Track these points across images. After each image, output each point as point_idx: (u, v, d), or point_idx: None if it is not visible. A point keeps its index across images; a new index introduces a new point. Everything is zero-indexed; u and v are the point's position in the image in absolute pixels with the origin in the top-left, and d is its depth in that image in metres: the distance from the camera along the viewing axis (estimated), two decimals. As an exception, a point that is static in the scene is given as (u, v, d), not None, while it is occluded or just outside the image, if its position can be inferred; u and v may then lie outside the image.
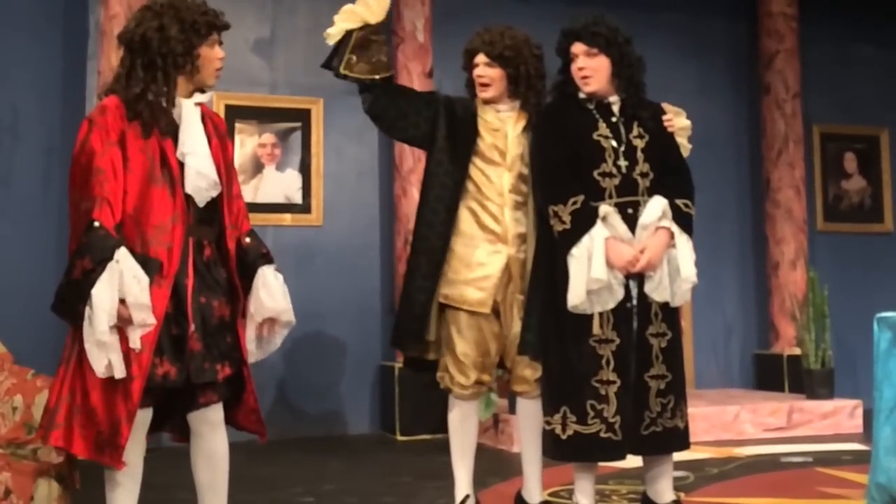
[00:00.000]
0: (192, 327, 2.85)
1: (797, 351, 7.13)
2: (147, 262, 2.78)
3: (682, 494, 3.98)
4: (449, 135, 3.61)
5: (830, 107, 8.19)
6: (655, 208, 3.28)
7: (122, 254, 2.74)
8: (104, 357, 2.68)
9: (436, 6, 7.01)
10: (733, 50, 8.09)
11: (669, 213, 3.30)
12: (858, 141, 8.28)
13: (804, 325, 6.78)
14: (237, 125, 6.63)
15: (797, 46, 7.83)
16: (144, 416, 2.82)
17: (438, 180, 3.60)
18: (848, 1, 8.16)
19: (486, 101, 3.66)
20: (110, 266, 2.71)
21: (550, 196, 3.34)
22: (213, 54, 2.96)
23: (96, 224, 2.79)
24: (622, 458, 3.34)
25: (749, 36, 8.04)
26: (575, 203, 3.26)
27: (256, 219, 6.75)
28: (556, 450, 3.36)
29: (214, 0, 3.10)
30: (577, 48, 3.41)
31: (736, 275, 7.63)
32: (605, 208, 3.26)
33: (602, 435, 3.25)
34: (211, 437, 2.99)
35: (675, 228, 3.29)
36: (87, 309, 2.69)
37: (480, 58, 3.63)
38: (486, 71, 3.62)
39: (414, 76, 6.84)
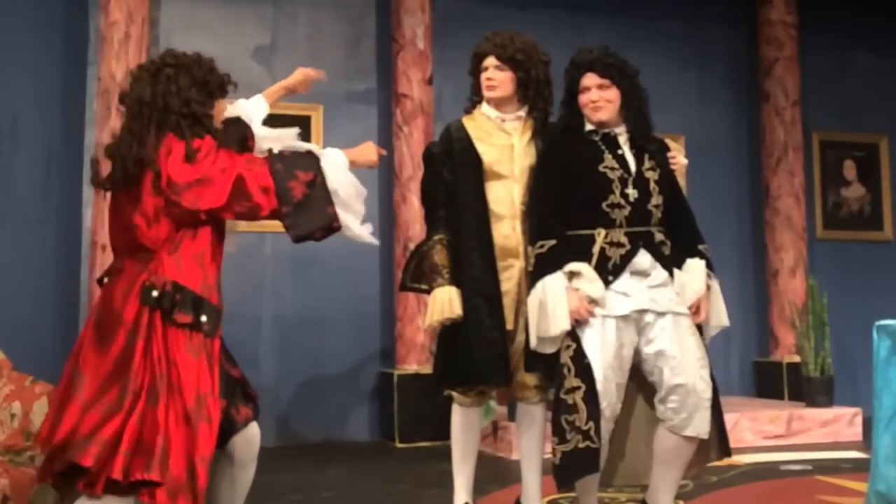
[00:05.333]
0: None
1: (797, 358, 7.13)
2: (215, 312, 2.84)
3: (681, 502, 3.98)
4: (456, 176, 3.59)
5: (830, 114, 8.20)
6: (700, 274, 3.37)
7: (322, 152, 2.91)
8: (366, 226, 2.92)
9: (436, 13, 7.03)
10: (733, 58, 8.10)
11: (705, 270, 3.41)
12: (858, 149, 8.29)
13: (803, 332, 6.78)
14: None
15: (797, 54, 7.84)
16: None
17: (462, 215, 3.56)
18: (847, 9, 8.18)
19: (495, 104, 3.65)
20: (324, 165, 2.86)
21: (531, 236, 3.43)
22: (220, 108, 2.99)
23: (275, 151, 2.89)
24: (599, 468, 3.23)
25: (748, 44, 8.05)
26: (542, 247, 3.31)
27: (255, 226, 6.76)
28: (554, 479, 3.28)
29: (215, 5, 3.11)
30: (590, 80, 3.40)
31: (735, 282, 7.62)
32: (576, 265, 3.27)
33: (580, 446, 3.15)
34: (248, 466, 3.01)
35: (713, 282, 3.41)
36: (337, 208, 2.85)
37: (490, 60, 3.62)
38: (496, 74, 3.61)
39: (414, 83, 6.85)
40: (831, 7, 8.15)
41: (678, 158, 3.56)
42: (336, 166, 2.90)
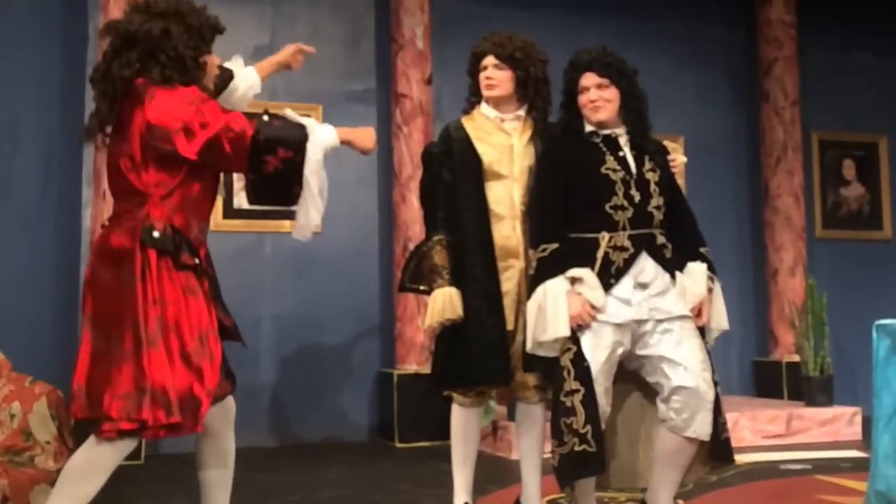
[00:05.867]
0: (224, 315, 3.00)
1: (796, 358, 7.13)
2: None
3: (681, 502, 3.98)
4: (456, 176, 3.58)
5: (829, 114, 8.20)
6: (701, 278, 3.35)
7: (313, 131, 2.83)
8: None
9: (435, 13, 7.02)
10: (732, 58, 8.10)
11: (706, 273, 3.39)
12: (857, 148, 8.29)
13: (803, 332, 6.78)
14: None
15: (796, 54, 7.84)
16: (129, 445, 2.79)
17: (462, 215, 3.55)
18: (847, 8, 8.18)
19: (494, 103, 3.65)
20: (309, 147, 2.80)
21: (531, 239, 3.42)
22: (213, 60, 2.99)
23: (266, 119, 2.81)
24: (602, 469, 3.25)
25: (748, 44, 8.05)
26: (544, 251, 3.30)
27: (256, 225, 6.79)
28: (556, 478, 3.29)
29: (214, 5, 3.11)
30: (589, 79, 3.39)
31: (735, 282, 7.62)
32: (578, 271, 3.25)
33: (577, 449, 3.15)
34: (226, 434, 3.02)
35: (715, 286, 3.41)
36: (304, 192, 2.82)
37: (489, 59, 3.62)
38: (496, 73, 3.61)
39: (413, 83, 6.85)
40: (830, 7, 8.15)
41: (677, 158, 3.56)
42: (320, 147, 2.87)
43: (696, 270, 3.37)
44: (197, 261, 2.84)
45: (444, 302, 3.45)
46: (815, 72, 8.13)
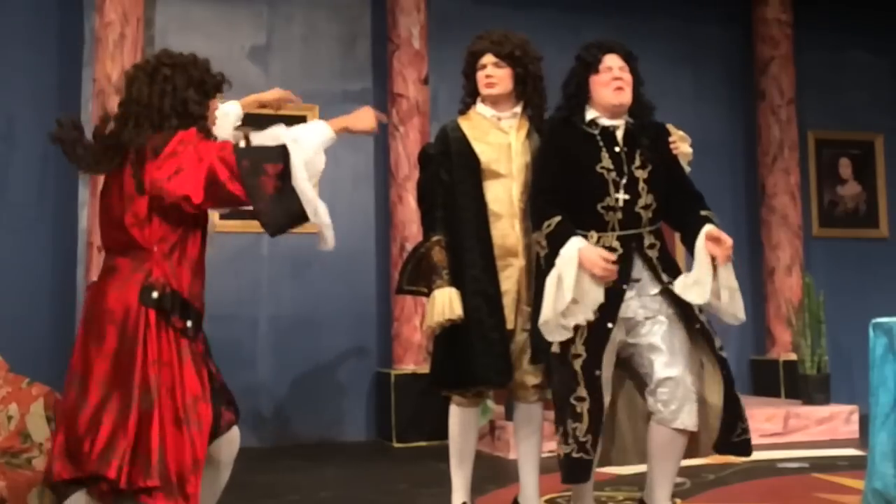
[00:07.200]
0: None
1: (793, 356, 7.14)
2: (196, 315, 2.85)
3: (678, 501, 3.98)
4: (454, 176, 3.58)
5: (825, 113, 8.21)
6: (703, 270, 3.35)
7: (296, 137, 2.88)
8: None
9: (431, 13, 7.02)
10: (728, 56, 8.10)
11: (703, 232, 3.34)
12: (853, 147, 8.30)
13: (800, 330, 6.79)
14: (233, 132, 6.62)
15: (792, 52, 7.85)
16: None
17: (460, 215, 3.55)
18: (843, 7, 8.18)
19: (491, 102, 3.65)
20: (293, 149, 2.83)
21: (533, 224, 3.41)
22: (213, 107, 2.99)
23: (241, 146, 2.83)
24: (587, 479, 3.29)
25: (744, 42, 8.06)
26: (549, 226, 3.29)
27: (253, 226, 6.74)
28: (560, 471, 3.31)
29: (211, 5, 3.10)
30: (614, 60, 3.40)
31: (732, 280, 7.61)
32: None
33: (574, 456, 3.18)
34: (228, 468, 3.01)
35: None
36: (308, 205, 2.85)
37: (488, 58, 3.63)
38: (495, 71, 3.62)
39: (409, 82, 6.85)
40: (826, 5, 8.15)
41: (680, 147, 3.56)
42: (307, 153, 2.90)
43: (695, 275, 3.35)
44: (189, 323, 2.82)
45: (444, 302, 3.44)
46: (812, 70, 8.13)
